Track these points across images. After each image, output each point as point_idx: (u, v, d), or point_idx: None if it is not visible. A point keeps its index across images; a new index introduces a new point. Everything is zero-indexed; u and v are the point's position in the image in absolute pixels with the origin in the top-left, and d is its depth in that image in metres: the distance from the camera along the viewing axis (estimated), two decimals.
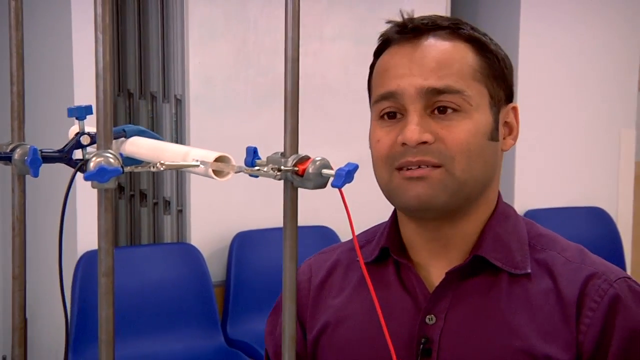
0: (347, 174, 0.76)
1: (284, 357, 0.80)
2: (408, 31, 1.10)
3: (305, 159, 0.78)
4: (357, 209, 1.16)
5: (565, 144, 4.20)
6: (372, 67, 1.16)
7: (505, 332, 1.06)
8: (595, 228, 4.07)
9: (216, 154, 0.75)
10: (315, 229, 3.46)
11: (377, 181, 1.13)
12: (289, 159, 0.78)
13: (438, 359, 1.07)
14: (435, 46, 1.09)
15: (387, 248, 1.15)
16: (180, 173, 3.39)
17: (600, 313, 1.05)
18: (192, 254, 3.29)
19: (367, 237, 1.23)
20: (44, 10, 3.31)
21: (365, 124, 4.04)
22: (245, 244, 3.39)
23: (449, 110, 1.06)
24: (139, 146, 0.88)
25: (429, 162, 1.05)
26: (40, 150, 0.85)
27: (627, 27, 4.32)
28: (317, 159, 0.78)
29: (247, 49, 3.39)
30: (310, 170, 0.77)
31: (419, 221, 1.12)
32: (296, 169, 0.77)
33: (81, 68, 3.02)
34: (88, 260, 3.09)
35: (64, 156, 0.88)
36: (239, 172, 0.75)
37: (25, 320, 0.91)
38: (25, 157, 0.83)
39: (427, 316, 1.09)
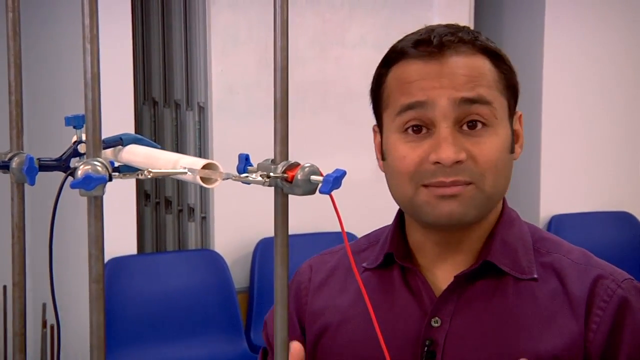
0: (334, 180, 0.76)
1: None
2: (433, 47, 1.07)
3: (295, 165, 0.79)
4: (382, 216, 1.18)
5: (590, 148, 4.17)
6: (380, 77, 1.13)
7: (511, 336, 1.06)
8: (622, 232, 4.03)
9: (204, 161, 0.76)
10: (338, 235, 3.46)
11: (396, 195, 1.12)
12: (279, 166, 0.79)
13: None
14: (462, 61, 1.07)
15: (391, 254, 1.15)
16: None
17: (609, 313, 1.06)
18: (216, 260, 3.31)
19: (369, 240, 1.23)
20: (55, 18, 3.35)
21: None
22: (268, 251, 3.40)
23: (479, 125, 1.06)
24: (135, 154, 0.89)
25: (462, 182, 1.05)
26: (38, 158, 0.87)
27: None
28: (307, 165, 0.78)
29: (269, 56, 3.40)
30: (299, 176, 0.77)
31: (431, 228, 1.12)
32: (285, 175, 0.78)
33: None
34: (113, 267, 3.12)
35: (61, 164, 0.89)
36: (227, 179, 0.76)
37: (25, 327, 0.93)
38: (22, 166, 0.85)
39: (433, 319, 1.09)
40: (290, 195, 0.79)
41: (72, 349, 3.40)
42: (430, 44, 1.07)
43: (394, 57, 1.11)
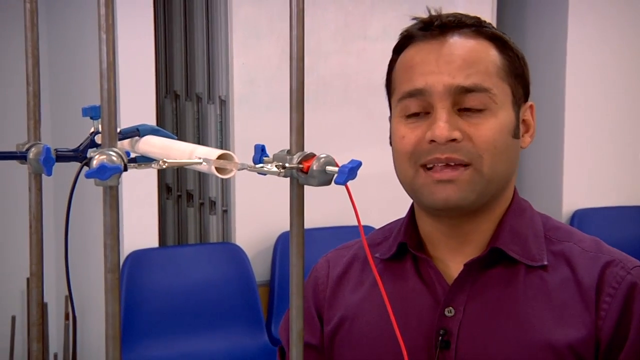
0: (349, 171, 0.76)
1: (291, 352, 0.80)
2: (434, 28, 1.10)
3: (310, 156, 0.78)
4: (404, 209, 1.18)
5: (613, 142, 4.13)
6: (391, 63, 1.17)
7: (525, 324, 1.06)
8: None
9: (219, 152, 0.75)
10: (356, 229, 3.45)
11: (399, 177, 1.14)
12: (294, 157, 0.79)
13: (457, 351, 1.07)
14: (461, 44, 1.09)
15: (405, 243, 1.16)
16: None
17: (618, 299, 1.06)
18: (237, 253, 3.32)
19: (384, 234, 1.24)
20: (74, 8, 3.37)
21: None
22: (289, 244, 3.40)
23: (476, 110, 1.07)
24: (151, 145, 0.89)
25: (458, 160, 1.06)
26: (55, 149, 0.87)
27: None
28: (322, 156, 0.78)
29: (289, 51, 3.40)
30: (315, 167, 0.77)
31: (438, 217, 1.13)
32: (301, 166, 0.78)
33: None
34: (135, 260, 3.14)
35: (78, 155, 0.89)
36: (242, 169, 0.76)
37: (43, 316, 0.93)
38: (40, 157, 0.85)
39: (446, 308, 1.09)
40: (314, 189, 0.79)
41: (95, 341, 3.43)
42: (433, 25, 1.11)
43: (402, 42, 1.15)
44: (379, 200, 3.39)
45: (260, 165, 0.78)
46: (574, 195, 4.00)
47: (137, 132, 0.91)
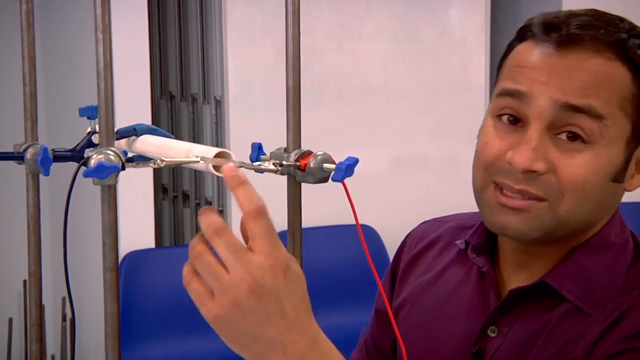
0: (347, 168, 0.76)
1: None
2: (561, 36, 0.92)
3: (307, 153, 0.79)
4: (401, 208, 1.18)
5: None
6: (509, 47, 1.00)
7: None
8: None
9: (217, 150, 0.76)
10: (354, 228, 3.46)
11: (472, 181, 1.00)
12: (292, 154, 0.79)
13: None
14: (588, 64, 0.91)
15: (468, 243, 1.08)
16: None
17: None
18: None
19: (479, 217, 1.08)
20: (69, 10, 3.37)
21: (404, 123, 4.05)
22: (286, 243, 3.40)
23: (578, 140, 0.90)
24: (148, 144, 0.90)
25: (533, 195, 0.92)
26: (52, 149, 0.87)
27: None
28: (319, 153, 0.78)
29: (285, 49, 3.40)
30: (312, 164, 0.78)
31: None
32: (298, 163, 0.78)
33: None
34: (131, 260, 3.14)
35: (76, 155, 0.89)
36: (239, 167, 0.76)
37: (42, 317, 0.93)
38: (37, 157, 0.85)
39: (490, 327, 1.01)
40: (310, 188, 0.79)
41: (93, 342, 3.42)
42: (559, 31, 0.92)
43: (524, 32, 0.98)
44: (374, 199, 3.40)
45: (258, 163, 0.78)
46: None
47: (134, 131, 0.91)
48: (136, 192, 3.13)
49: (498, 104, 0.95)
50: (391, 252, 3.80)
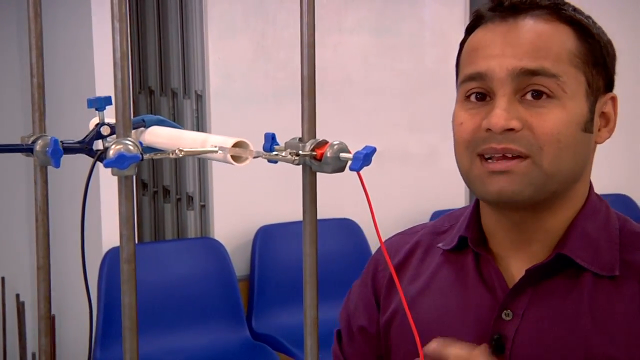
0: (365, 157, 0.76)
1: (305, 341, 0.80)
2: (504, 9, 1.02)
3: (323, 143, 0.79)
4: (382, 201, 1.16)
5: None
6: (462, 44, 1.09)
7: (584, 338, 0.99)
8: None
9: (234, 140, 0.75)
10: (337, 222, 3.46)
11: (458, 167, 1.06)
12: (307, 144, 0.79)
13: (511, 357, 1.01)
14: (533, 27, 1.00)
15: (466, 238, 1.10)
16: (202, 168, 3.40)
17: None
18: (216, 248, 3.31)
19: (450, 222, 1.18)
20: (65, 2, 3.33)
21: (384, 116, 4.07)
22: (268, 238, 3.40)
23: (544, 96, 0.98)
24: (158, 135, 0.89)
25: (515, 151, 0.97)
26: (61, 141, 0.86)
27: None
28: (335, 142, 0.78)
29: (266, 44, 3.39)
30: (329, 154, 0.77)
31: (501, 212, 1.06)
32: (314, 153, 0.78)
33: (102, 59, 3.04)
34: (114, 256, 3.11)
35: (84, 147, 0.88)
36: (257, 157, 0.76)
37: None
38: (47, 148, 0.84)
39: (504, 311, 1.03)
40: (289, 181, 0.79)
41: (73, 340, 3.40)
42: (502, 5, 1.02)
43: (473, 22, 1.07)
44: (355, 193, 3.39)
45: (275, 153, 0.78)
46: None
47: (143, 122, 0.90)
48: (116, 188, 3.10)
49: (464, 89, 1.04)
50: (373, 246, 3.80)
